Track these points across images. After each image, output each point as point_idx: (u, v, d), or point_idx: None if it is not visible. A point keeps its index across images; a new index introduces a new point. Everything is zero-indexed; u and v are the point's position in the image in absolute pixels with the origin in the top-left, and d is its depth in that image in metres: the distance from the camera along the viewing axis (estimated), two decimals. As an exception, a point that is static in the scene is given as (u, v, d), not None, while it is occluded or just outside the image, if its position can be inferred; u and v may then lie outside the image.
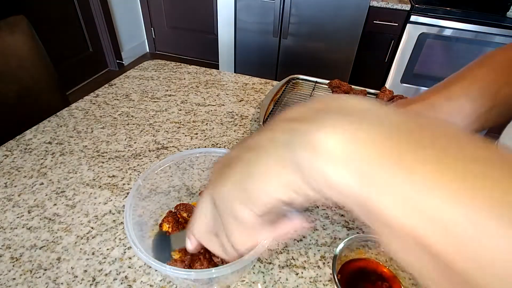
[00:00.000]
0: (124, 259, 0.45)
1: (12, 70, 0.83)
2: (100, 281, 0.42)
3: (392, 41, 1.85)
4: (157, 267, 0.33)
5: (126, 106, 0.78)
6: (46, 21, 2.08)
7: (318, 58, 2.00)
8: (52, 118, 0.73)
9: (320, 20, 1.85)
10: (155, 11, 2.84)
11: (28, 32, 0.86)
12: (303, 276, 0.44)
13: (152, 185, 0.47)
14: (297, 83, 0.89)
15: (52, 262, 0.44)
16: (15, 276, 0.42)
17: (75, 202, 0.53)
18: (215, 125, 0.73)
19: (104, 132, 0.69)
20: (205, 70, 0.97)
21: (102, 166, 0.60)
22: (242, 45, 2.10)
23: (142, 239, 0.44)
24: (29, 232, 0.48)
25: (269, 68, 2.15)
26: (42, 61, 0.90)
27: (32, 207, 0.51)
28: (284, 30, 1.93)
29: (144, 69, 0.96)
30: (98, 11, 2.42)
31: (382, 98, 0.78)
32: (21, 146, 0.64)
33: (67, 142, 0.66)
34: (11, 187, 0.55)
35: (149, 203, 0.47)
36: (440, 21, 1.70)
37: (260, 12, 1.92)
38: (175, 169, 0.49)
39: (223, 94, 0.86)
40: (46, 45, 0.92)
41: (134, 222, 0.41)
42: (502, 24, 1.63)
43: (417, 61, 1.86)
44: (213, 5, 2.60)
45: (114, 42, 2.62)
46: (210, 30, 2.76)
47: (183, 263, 0.39)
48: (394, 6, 1.74)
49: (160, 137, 0.68)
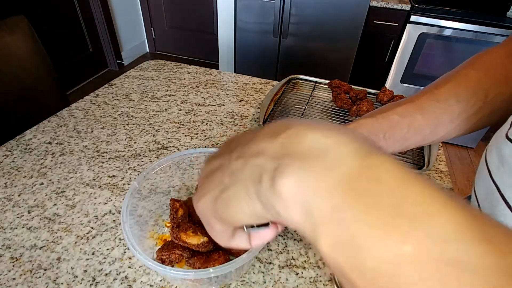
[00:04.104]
0: (124, 259, 0.45)
1: (12, 70, 0.83)
2: (100, 281, 0.42)
3: (392, 41, 1.85)
4: (155, 268, 0.33)
5: (126, 106, 0.78)
6: (46, 21, 2.08)
7: (318, 58, 2.00)
8: (52, 118, 0.73)
9: (320, 20, 1.85)
10: (155, 11, 2.84)
11: (28, 32, 0.86)
12: (303, 276, 0.44)
13: (152, 185, 0.47)
14: (297, 83, 0.89)
15: (52, 262, 0.44)
16: (15, 276, 0.42)
17: (75, 202, 0.53)
18: (215, 125, 0.73)
19: (104, 132, 0.69)
20: (205, 70, 0.97)
21: (102, 166, 0.60)
22: (242, 45, 2.10)
23: (142, 239, 0.44)
24: (29, 232, 0.48)
25: (269, 68, 2.15)
26: (42, 61, 0.90)
27: (32, 207, 0.52)
28: (284, 30, 1.93)
29: (144, 69, 0.96)
30: (98, 11, 2.42)
31: (382, 98, 0.78)
32: (21, 146, 0.64)
33: (67, 142, 0.66)
34: (11, 187, 0.55)
35: (149, 203, 0.47)
36: (440, 21, 1.70)
37: (260, 12, 1.92)
38: (175, 169, 0.49)
39: (223, 94, 0.86)
40: (46, 45, 0.92)
41: (134, 222, 0.41)
42: (502, 24, 1.63)
43: (417, 61, 1.86)
44: (213, 5, 2.60)
45: (114, 42, 2.62)
46: (210, 30, 2.76)
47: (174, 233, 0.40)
48: (394, 6, 1.74)
49: (160, 137, 0.68)
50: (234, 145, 0.23)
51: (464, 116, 0.38)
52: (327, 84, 0.85)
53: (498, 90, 0.37)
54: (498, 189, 0.31)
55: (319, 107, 0.80)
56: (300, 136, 0.18)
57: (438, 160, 0.66)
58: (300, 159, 0.18)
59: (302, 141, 0.18)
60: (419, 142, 0.40)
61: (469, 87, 0.38)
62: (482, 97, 0.37)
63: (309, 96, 0.83)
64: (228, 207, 0.21)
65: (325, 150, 0.17)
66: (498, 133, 0.34)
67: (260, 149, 0.20)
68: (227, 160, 0.22)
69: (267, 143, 0.20)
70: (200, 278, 0.37)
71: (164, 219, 0.49)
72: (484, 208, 0.34)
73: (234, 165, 0.21)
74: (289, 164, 0.18)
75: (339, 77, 0.93)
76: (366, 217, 0.15)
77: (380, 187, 0.16)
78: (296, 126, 0.19)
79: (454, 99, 0.38)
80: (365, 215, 0.15)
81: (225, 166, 0.22)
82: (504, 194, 0.31)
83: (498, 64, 0.38)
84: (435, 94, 0.39)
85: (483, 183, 0.35)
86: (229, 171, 0.21)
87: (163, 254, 0.40)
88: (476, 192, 0.37)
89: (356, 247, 0.15)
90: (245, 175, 0.20)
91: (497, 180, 0.32)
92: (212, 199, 0.22)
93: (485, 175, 0.34)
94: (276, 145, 0.19)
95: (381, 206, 0.15)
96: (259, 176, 0.19)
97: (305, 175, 0.17)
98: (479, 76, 0.38)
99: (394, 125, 0.39)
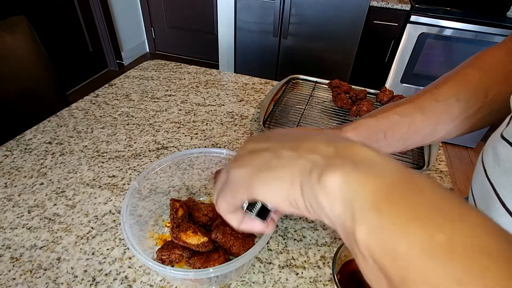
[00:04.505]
0: (124, 259, 0.45)
1: (12, 70, 0.83)
2: (100, 281, 0.42)
3: (392, 41, 1.85)
4: (155, 268, 0.33)
5: (126, 106, 0.78)
6: (46, 21, 2.08)
7: (318, 58, 2.00)
8: (52, 118, 0.73)
9: (320, 20, 1.84)
10: (155, 11, 2.84)
11: (28, 32, 0.86)
12: (303, 276, 0.44)
13: (152, 185, 0.47)
14: (297, 83, 0.89)
15: (52, 262, 0.44)
16: (15, 276, 0.42)
17: (75, 202, 0.53)
18: (215, 125, 0.73)
19: (104, 132, 0.69)
20: (205, 70, 0.97)
21: (102, 166, 0.60)
22: (242, 45, 2.10)
23: (142, 239, 0.44)
24: (29, 232, 0.48)
25: (269, 68, 2.15)
26: (42, 61, 0.90)
27: (32, 207, 0.51)
28: (284, 30, 1.93)
29: (144, 69, 0.96)
30: (98, 11, 2.42)
31: (382, 98, 0.78)
32: (21, 146, 0.64)
33: (67, 142, 0.66)
34: (11, 187, 0.55)
35: (149, 203, 0.47)
36: (440, 21, 1.70)
37: (260, 12, 1.92)
38: (175, 169, 0.49)
39: (223, 94, 0.86)
40: (46, 45, 0.92)
41: (134, 222, 0.41)
42: (502, 24, 1.63)
43: (417, 61, 1.85)
44: (213, 5, 2.60)
45: (114, 42, 2.62)
46: (210, 30, 2.76)
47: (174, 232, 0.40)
48: (394, 6, 1.74)
49: (160, 137, 0.68)
50: (285, 137, 0.25)
51: (464, 115, 0.38)
52: (327, 84, 0.85)
53: (498, 90, 0.37)
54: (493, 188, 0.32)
55: (319, 107, 0.80)
56: (353, 146, 0.21)
57: (438, 160, 0.66)
58: (352, 162, 0.20)
59: (356, 151, 0.21)
60: (419, 141, 0.40)
61: (469, 87, 0.38)
62: (482, 97, 0.37)
63: (309, 96, 0.83)
64: (266, 184, 0.23)
65: (376, 161, 0.20)
66: (495, 133, 0.34)
67: (315, 147, 0.22)
68: (279, 147, 0.24)
69: (322, 145, 0.22)
70: (200, 278, 0.37)
71: (164, 219, 0.49)
72: (480, 207, 0.35)
73: (286, 153, 0.23)
74: (340, 164, 0.20)
75: (339, 77, 0.93)
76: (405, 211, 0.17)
77: (420, 195, 0.17)
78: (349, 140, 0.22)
79: (454, 99, 0.38)
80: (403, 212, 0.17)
81: (275, 150, 0.24)
82: (499, 193, 0.31)
83: (498, 63, 0.38)
84: (435, 94, 0.39)
85: (479, 182, 0.35)
86: (279, 155, 0.23)
87: (163, 254, 0.40)
88: (473, 191, 0.37)
89: (392, 233, 0.17)
90: (296, 164, 0.22)
91: (492, 179, 0.32)
92: (253, 171, 0.24)
93: (481, 174, 0.34)
94: (331, 148, 0.21)
95: (421, 205, 0.17)
96: (310, 169, 0.21)
97: (355, 175, 0.19)
98: (479, 76, 0.38)
99: (394, 125, 0.39)
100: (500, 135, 0.32)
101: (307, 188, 0.21)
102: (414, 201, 0.17)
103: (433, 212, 0.16)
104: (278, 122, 0.74)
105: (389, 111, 0.39)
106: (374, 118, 0.39)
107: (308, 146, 0.22)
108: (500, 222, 0.30)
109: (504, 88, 0.37)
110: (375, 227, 0.17)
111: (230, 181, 0.26)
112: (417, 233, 0.16)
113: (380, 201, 0.18)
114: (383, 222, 0.17)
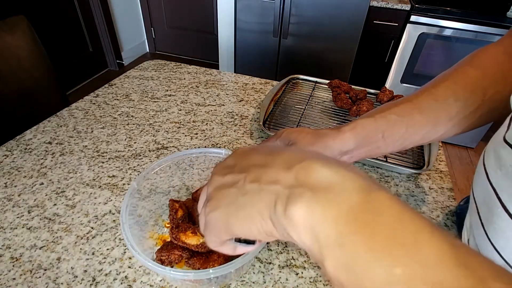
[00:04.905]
0: (124, 259, 0.45)
1: (12, 70, 0.83)
2: (100, 281, 0.42)
3: (392, 41, 1.85)
4: (155, 268, 0.33)
5: (126, 106, 0.78)
6: (46, 21, 2.08)
7: (318, 58, 2.00)
8: (52, 118, 0.73)
9: (320, 20, 1.85)
10: (155, 11, 2.84)
11: (28, 32, 0.86)
12: (303, 276, 0.44)
13: (152, 185, 0.47)
14: (297, 83, 0.89)
15: (52, 262, 0.44)
16: (15, 276, 0.42)
17: (75, 202, 0.53)
18: (215, 125, 0.73)
19: (104, 132, 0.69)
20: (205, 70, 0.97)
21: (102, 166, 0.60)
22: (242, 45, 2.10)
23: (142, 240, 0.44)
24: (29, 232, 0.48)
25: (269, 68, 2.15)
26: (42, 61, 0.90)
27: (32, 207, 0.52)
28: (284, 30, 1.93)
29: (144, 69, 0.96)
30: (98, 11, 2.42)
31: (382, 98, 0.78)
32: (21, 146, 0.64)
33: (67, 142, 0.66)
34: (11, 187, 0.55)
35: (148, 203, 0.47)
36: (440, 21, 1.70)
37: (260, 12, 1.92)
38: (175, 169, 0.49)
39: (223, 94, 0.86)
40: (46, 45, 0.92)
41: (134, 222, 0.41)
42: (502, 24, 1.63)
43: (417, 61, 1.85)
44: (213, 5, 2.60)
45: (114, 42, 2.62)
46: (210, 30, 2.76)
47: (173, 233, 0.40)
48: (394, 6, 1.74)
49: (160, 137, 0.68)
50: (248, 164, 0.25)
51: (463, 115, 0.38)
52: (327, 84, 0.85)
53: (496, 88, 0.37)
54: (495, 192, 0.31)
55: (319, 107, 0.80)
56: (312, 169, 0.21)
57: (438, 160, 0.66)
58: (311, 189, 0.20)
59: (313, 174, 0.21)
60: (418, 141, 0.40)
61: (467, 86, 0.38)
62: (480, 96, 0.37)
63: (309, 96, 0.83)
64: (240, 224, 0.24)
65: (333, 183, 0.20)
66: (495, 135, 0.34)
67: (275, 177, 0.22)
68: (242, 180, 0.24)
69: (282, 172, 0.22)
70: (199, 278, 0.37)
71: (164, 219, 0.49)
72: (482, 211, 0.34)
73: (249, 187, 0.23)
74: (301, 194, 0.20)
75: (339, 77, 0.93)
76: (365, 243, 0.17)
77: (379, 219, 0.18)
78: (308, 159, 0.22)
79: (452, 98, 0.38)
80: (364, 242, 0.17)
81: (239, 185, 0.24)
82: (501, 197, 0.30)
83: (496, 62, 0.38)
84: (433, 93, 0.39)
85: (481, 186, 0.34)
86: (244, 191, 0.24)
87: (163, 255, 0.40)
88: (475, 195, 0.37)
89: (356, 269, 0.17)
90: (260, 198, 0.22)
91: (494, 183, 0.32)
92: (225, 213, 0.24)
93: (482, 178, 0.34)
94: (290, 175, 0.21)
95: (379, 235, 0.17)
96: (274, 201, 0.21)
97: (315, 204, 0.19)
98: (477, 75, 0.38)
99: (392, 124, 0.38)
100: (503, 138, 0.31)
101: (276, 221, 0.21)
102: (372, 230, 0.18)
103: (390, 242, 0.17)
104: (278, 122, 0.74)
105: (387, 110, 0.39)
106: (372, 118, 0.39)
107: (268, 176, 0.23)
108: (502, 226, 0.30)
109: (502, 86, 0.37)
110: (341, 263, 0.18)
111: (209, 224, 0.26)
112: (377, 268, 0.17)
113: (342, 234, 0.18)
114: (346, 259, 0.18)
